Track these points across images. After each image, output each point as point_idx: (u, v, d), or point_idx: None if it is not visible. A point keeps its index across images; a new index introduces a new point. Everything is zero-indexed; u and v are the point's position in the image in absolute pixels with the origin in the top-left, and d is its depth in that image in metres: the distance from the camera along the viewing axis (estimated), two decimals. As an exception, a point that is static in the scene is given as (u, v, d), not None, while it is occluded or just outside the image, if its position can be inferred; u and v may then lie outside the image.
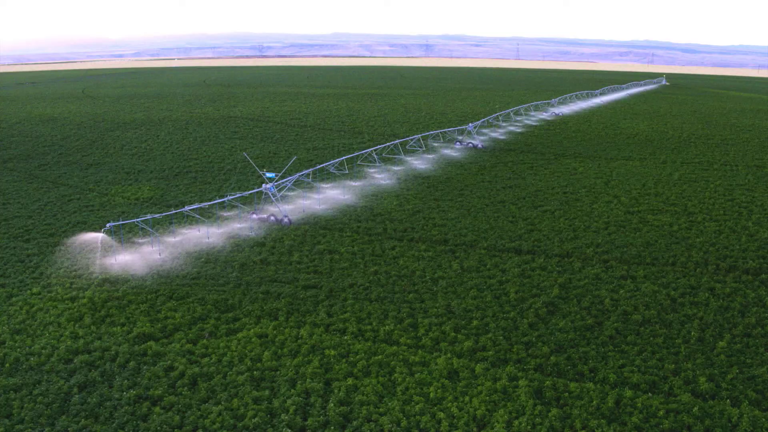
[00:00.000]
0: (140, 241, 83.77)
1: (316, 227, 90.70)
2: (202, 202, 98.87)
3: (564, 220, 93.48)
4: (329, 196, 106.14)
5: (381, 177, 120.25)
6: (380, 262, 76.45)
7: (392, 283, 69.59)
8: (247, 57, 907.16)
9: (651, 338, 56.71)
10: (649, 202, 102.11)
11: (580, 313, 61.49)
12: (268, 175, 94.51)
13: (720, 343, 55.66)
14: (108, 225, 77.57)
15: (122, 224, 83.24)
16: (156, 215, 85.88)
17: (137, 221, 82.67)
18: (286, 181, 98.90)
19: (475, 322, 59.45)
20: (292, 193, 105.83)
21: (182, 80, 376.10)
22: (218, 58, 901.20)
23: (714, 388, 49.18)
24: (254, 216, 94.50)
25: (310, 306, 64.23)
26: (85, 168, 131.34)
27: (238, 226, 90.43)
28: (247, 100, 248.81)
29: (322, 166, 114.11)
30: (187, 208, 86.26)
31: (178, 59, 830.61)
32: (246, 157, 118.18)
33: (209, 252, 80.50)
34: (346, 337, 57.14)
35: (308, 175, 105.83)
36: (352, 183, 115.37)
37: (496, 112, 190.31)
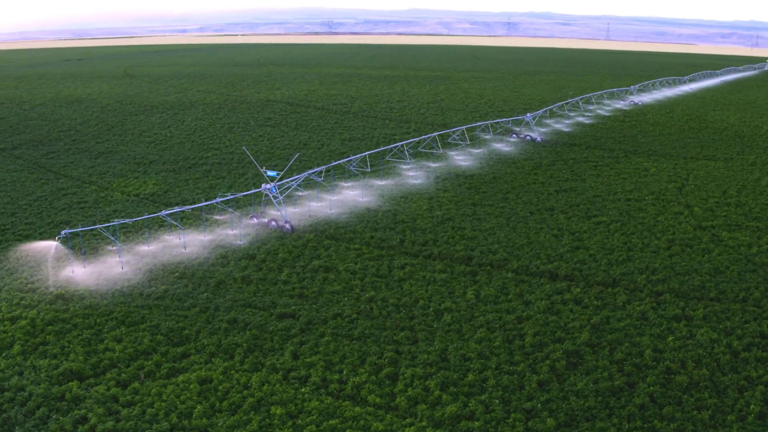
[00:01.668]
0: (113, 249, 77.49)
1: (322, 236, 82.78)
2: (208, 199, 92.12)
3: (619, 235, 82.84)
4: (346, 198, 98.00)
5: (414, 175, 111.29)
6: (381, 285, 67.90)
7: (385, 316, 60.99)
8: (316, 34, 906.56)
9: (695, 412, 46.37)
10: (727, 215, 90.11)
11: (609, 369, 51.49)
12: (270, 173, 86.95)
13: (787, 423, 44.93)
14: (63, 232, 71.36)
15: (81, 231, 77.15)
16: (126, 220, 79.43)
17: (100, 227, 76.18)
18: (292, 181, 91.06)
19: (470, 376, 50.28)
20: (303, 193, 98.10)
21: (235, 59, 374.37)
22: (286, 34, 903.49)
23: (770, 493, 38.84)
24: (254, 220, 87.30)
25: (278, 342, 56.29)
26: (94, 157, 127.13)
27: (232, 233, 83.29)
28: (295, 81, 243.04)
29: (338, 162, 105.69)
30: (164, 212, 79.42)
31: (242, 35, 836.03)
32: (245, 152, 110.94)
33: (188, 265, 73.58)
34: (304, 389, 48.89)
35: (320, 173, 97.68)
36: (378, 182, 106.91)
37: (568, 100, 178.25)
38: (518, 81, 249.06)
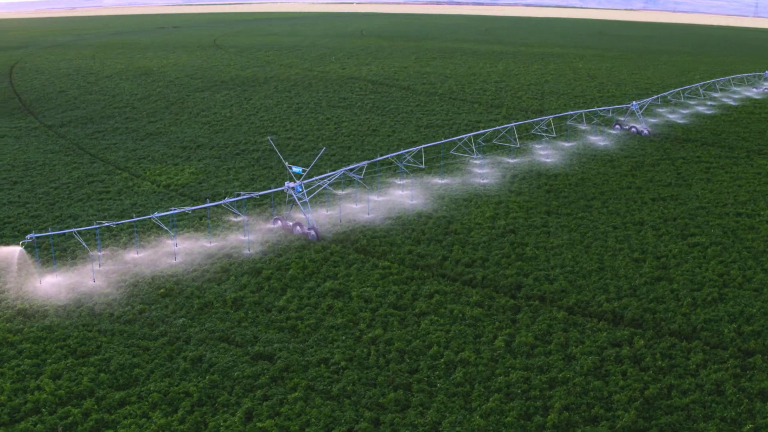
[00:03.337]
0: (102, 253, 71.41)
1: (350, 248, 74.07)
2: (242, 193, 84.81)
3: (716, 263, 70.05)
4: (394, 200, 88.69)
5: (483, 173, 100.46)
6: (394, 321, 58.51)
7: (382, 366, 51.53)
8: (438, 3, 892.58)
9: None
10: None
11: (649, 473, 40.30)
12: (295, 169, 78.76)
13: None
14: (28, 236, 65.42)
15: (52, 235, 71.39)
16: (111, 223, 72.89)
17: (74, 231, 69.89)
18: (325, 178, 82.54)
19: (456, 470, 40.27)
20: (344, 192, 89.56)
21: (338, 29, 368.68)
22: (405, 3, 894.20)
23: None
24: (277, 224, 79.46)
25: (237, 394, 48.06)
26: (141, 138, 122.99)
27: (245, 239, 75.56)
28: (390, 56, 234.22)
29: (384, 157, 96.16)
30: (156, 215, 72.42)
31: (357, 3, 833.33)
32: (271, 143, 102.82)
33: (180, 278, 66.67)
34: (238, 472, 40.28)
35: (360, 170, 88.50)
36: (437, 180, 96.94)
37: (685, 86, 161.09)
38: (641, 61, 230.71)
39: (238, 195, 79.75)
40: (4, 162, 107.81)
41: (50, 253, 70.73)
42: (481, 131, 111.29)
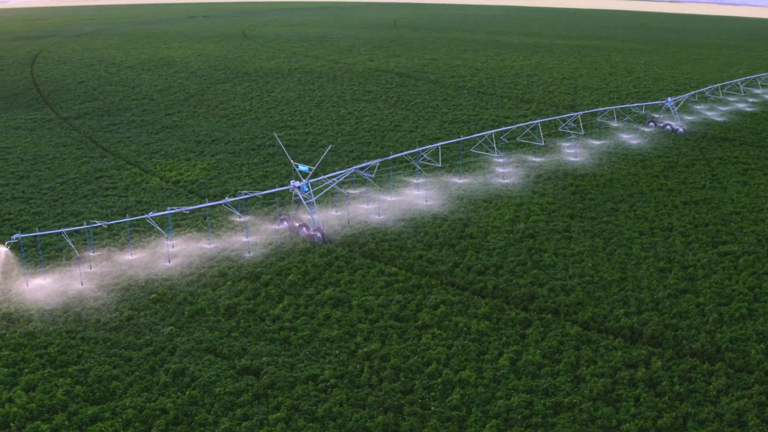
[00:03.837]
0: (94, 254, 69.45)
1: (357, 252, 71.28)
2: (251, 192, 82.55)
3: (747, 275, 66.14)
4: (407, 200, 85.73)
5: (506, 172, 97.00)
6: (393, 334, 55.64)
7: (374, 385, 48.70)
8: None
9: None
10: None
11: None
12: (302, 168, 76.14)
13: None
14: (14, 236, 63.54)
15: (39, 235, 69.47)
16: (103, 223, 70.71)
17: (62, 231, 67.84)
18: (334, 177, 79.85)
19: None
20: (355, 192, 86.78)
21: (372, 20, 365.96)
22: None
23: None
24: (283, 225, 76.95)
25: (216, 413, 45.56)
26: (155, 132, 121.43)
27: (247, 240, 73.07)
28: (421, 48, 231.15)
29: (398, 155, 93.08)
30: (150, 215, 70.09)
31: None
32: (277, 140, 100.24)
33: (174, 283, 64.39)
34: (204, 503, 37.70)
35: (372, 169, 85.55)
36: (456, 180, 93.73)
37: (733, 80, 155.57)
38: (681, 55, 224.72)
39: (239, 194, 77.39)
40: (14, 155, 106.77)
41: (45, 253, 68.93)
42: (504, 128, 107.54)
